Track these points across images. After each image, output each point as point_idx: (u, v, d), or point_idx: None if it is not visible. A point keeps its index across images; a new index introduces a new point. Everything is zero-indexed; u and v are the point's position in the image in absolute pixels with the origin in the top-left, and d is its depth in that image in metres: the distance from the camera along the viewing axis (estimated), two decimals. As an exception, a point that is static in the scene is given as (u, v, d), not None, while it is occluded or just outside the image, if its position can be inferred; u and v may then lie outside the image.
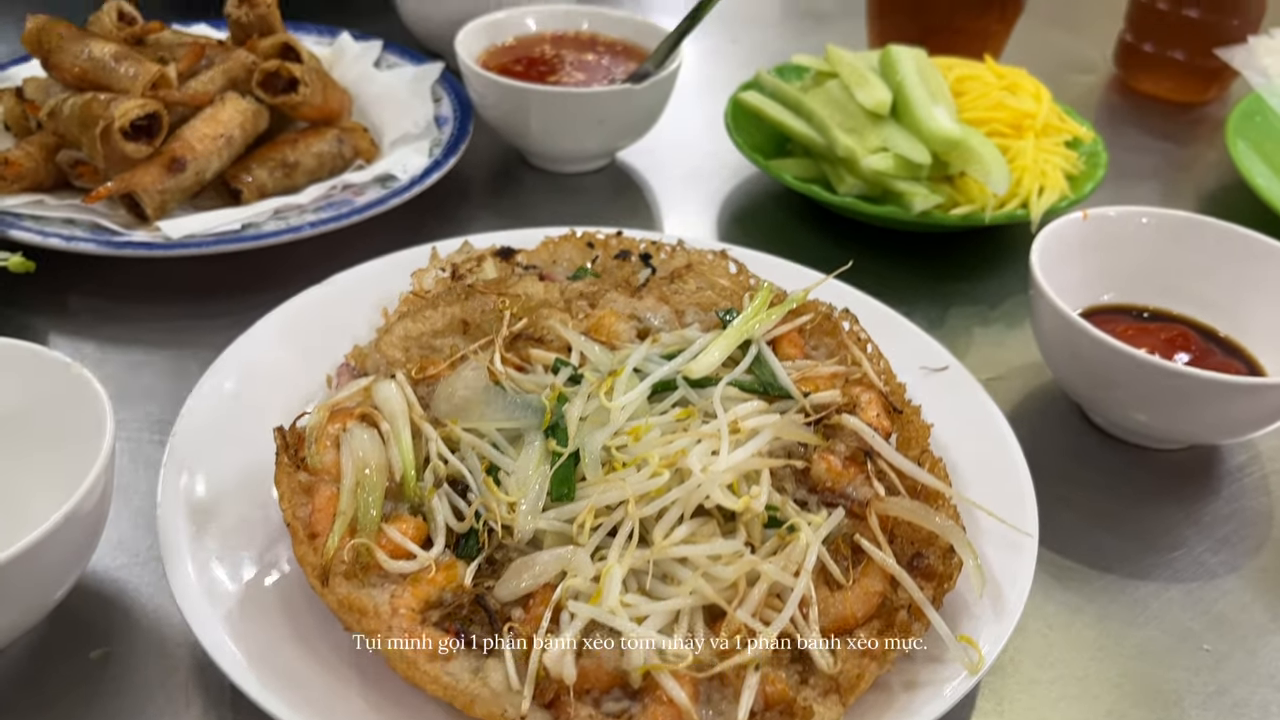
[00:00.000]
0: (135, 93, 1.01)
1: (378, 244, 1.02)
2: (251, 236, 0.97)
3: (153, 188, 0.98)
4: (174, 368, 0.91)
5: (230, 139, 1.03)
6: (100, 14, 1.11)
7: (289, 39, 1.12)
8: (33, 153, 1.02)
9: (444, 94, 1.23)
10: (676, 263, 0.92)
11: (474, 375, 0.74)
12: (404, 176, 1.07)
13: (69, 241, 0.94)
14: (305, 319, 0.86)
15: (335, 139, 1.10)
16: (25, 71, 1.18)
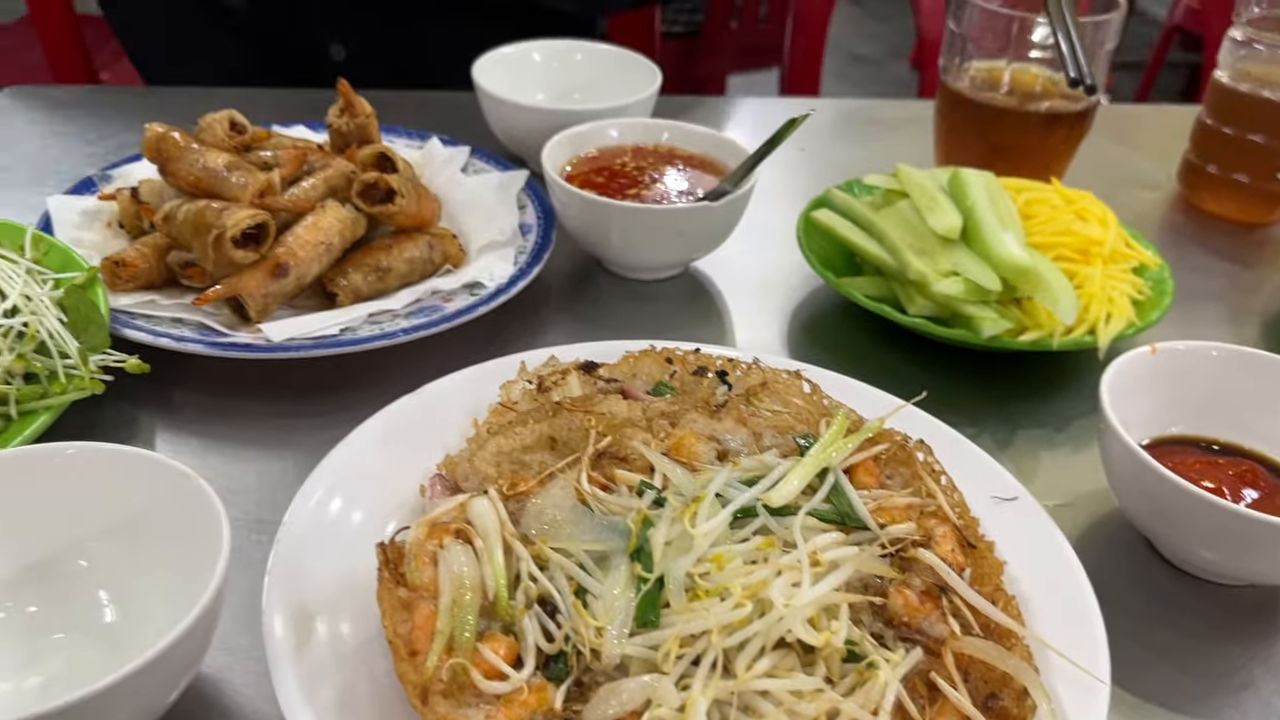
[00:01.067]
0: (245, 201, 1.07)
1: (463, 345, 1.07)
2: (349, 341, 1.01)
3: (257, 292, 1.03)
4: (273, 466, 0.95)
5: (330, 246, 1.09)
6: (212, 121, 1.17)
7: (386, 149, 1.18)
8: (146, 254, 1.08)
9: (528, 202, 1.28)
10: (752, 380, 0.95)
11: (562, 494, 0.78)
12: (491, 284, 1.12)
13: (179, 342, 0.99)
14: (399, 427, 0.90)
15: (426, 245, 1.15)
16: (138, 170, 1.26)
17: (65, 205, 1.18)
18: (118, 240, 1.17)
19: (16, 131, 1.49)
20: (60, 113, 1.54)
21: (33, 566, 0.73)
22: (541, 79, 1.50)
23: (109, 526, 0.74)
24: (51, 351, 0.90)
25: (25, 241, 1.02)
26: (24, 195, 1.33)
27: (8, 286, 0.92)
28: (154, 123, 1.12)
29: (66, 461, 0.73)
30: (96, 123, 1.51)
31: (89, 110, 1.55)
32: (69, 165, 1.40)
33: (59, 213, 1.16)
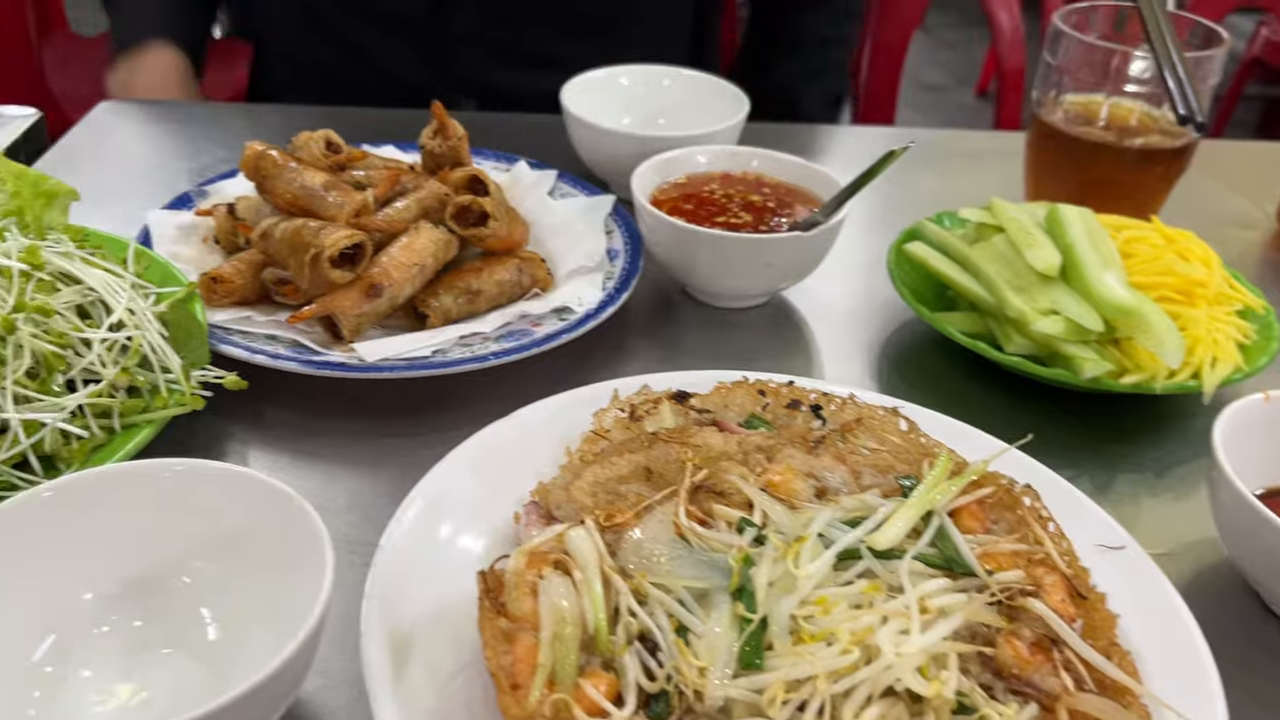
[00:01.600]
0: (341, 220, 1.07)
1: (550, 368, 1.07)
2: (440, 363, 1.01)
3: (351, 311, 1.04)
4: (364, 485, 0.95)
5: (423, 267, 1.09)
6: (309, 140, 1.19)
7: (479, 173, 1.19)
8: (242, 270, 1.09)
9: (614, 227, 1.27)
10: (847, 416, 0.94)
11: (660, 528, 0.77)
12: (579, 309, 1.12)
13: (274, 359, 0.99)
14: (492, 452, 0.90)
15: (516, 268, 1.15)
16: (233, 186, 1.27)
17: (163, 220, 1.19)
18: (213, 256, 1.18)
19: (115, 145, 1.52)
20: (157, 127, 1.57)
21: (138, 581, 0.73)
22: (628, 103, 1.50)
23: (212, 544, 0.74)
24: (153, 366, 0.91)
25: (128, 255, 1.03)
26: (123, 208, 1.34)
27: (113, 300, 0.94)
28: (253, 140, 1.13)
29: (174, 477, 0.73)
30: (193, 137, 1.54)
31: (185, 125, 1.58)
32: (166, 179, 1.42)
33: (157, 227, 1.18)
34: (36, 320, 0.88)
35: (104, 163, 1.47)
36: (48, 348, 0.87)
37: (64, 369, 0.87)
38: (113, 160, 1.48)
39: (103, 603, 0.72)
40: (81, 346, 0.90)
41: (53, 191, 1.11)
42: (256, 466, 0.97)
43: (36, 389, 0.85)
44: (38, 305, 0.88)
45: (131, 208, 1.34)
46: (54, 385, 0.87)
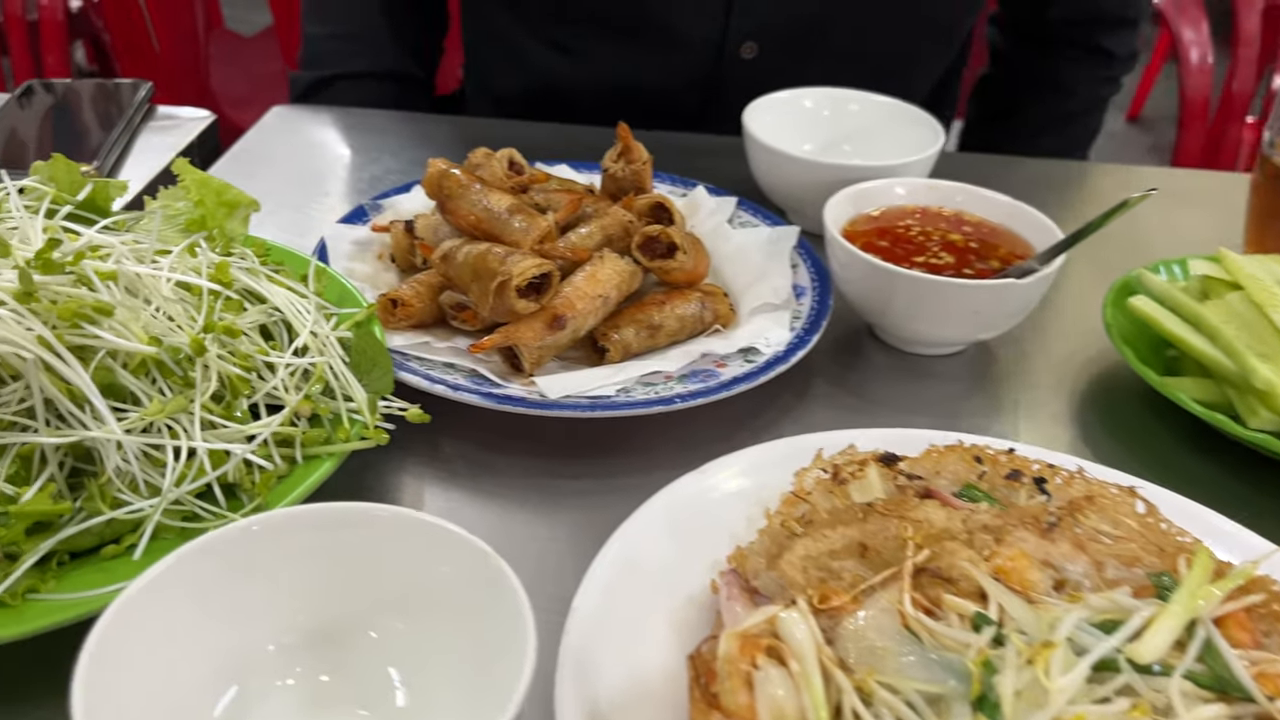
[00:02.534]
0: (524, 246, 1.03)
1: (731, 410, 1.02)
2: (625, 404, 0.96)
3: (533, 343, 0.99)
4: (541, 531, 0.91)
5: (606, 299, 1.04)
6: (492, 160, 1.15)
7: (664, 200, 1.13)
8: (421, 292, 1.06)
9: (799, 261, 1.20)
10: (1074, 492, 0.85)
11: (885, 618, 0.69)
12: (766, 350, 1.05)
13: (454, 390, 0.95)
14: (683, 509, 0.84)
15: (699, 302, 1.09)
16: (406, 201, 1.25)
17: (340, 234, 1.17)
18: (388, 274, 1.15)
19: (286, 151, 1.52)
20: (328, 133, 1.57)
21: (323, 632, 0.69)
22: (810, 127, 1.43)
23: (403, 598, 0.69)
24: (336, 394, 0.88)
25: (308, 273, 1.00)
26: (293, 216, 1.34)
27: (297, 322, 0.91)
28: (435, 158, 1.10)
29: (372, 522, 0.69)
30: (363, 145, 1.53)
31: (356, 132, 1.57)
32: (337, 189, 1.41)
33: (334, 242, 1.15)
34: (223, 341, 0.85)
35: (276, 169, 1.46)
36: (234, 371, 0.84)
37: (248, 393, 0.85)
38: (284, 167, 1.47)
39: (287, 653, 0.68)
40: (265, 370, 0.87)
41: (234, 202, 1.09)
42: (432, 503, 0.93)
43: (221, 414, 0.82)
44: (225, 325, 0.85)
45: (302, 217, 1.34)
46: (238, 410, 0.84)
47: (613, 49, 1.61)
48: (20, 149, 1.44)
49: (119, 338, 0.79)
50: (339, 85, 1.71)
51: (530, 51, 1.66)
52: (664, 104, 1.63)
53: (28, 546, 0.74)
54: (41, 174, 0.97)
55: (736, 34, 1.58)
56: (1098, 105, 1.85)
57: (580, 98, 1.65)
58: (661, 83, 1.63)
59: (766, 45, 1.59)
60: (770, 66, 1.60)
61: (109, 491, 0.77)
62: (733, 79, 1.61)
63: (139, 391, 0.79)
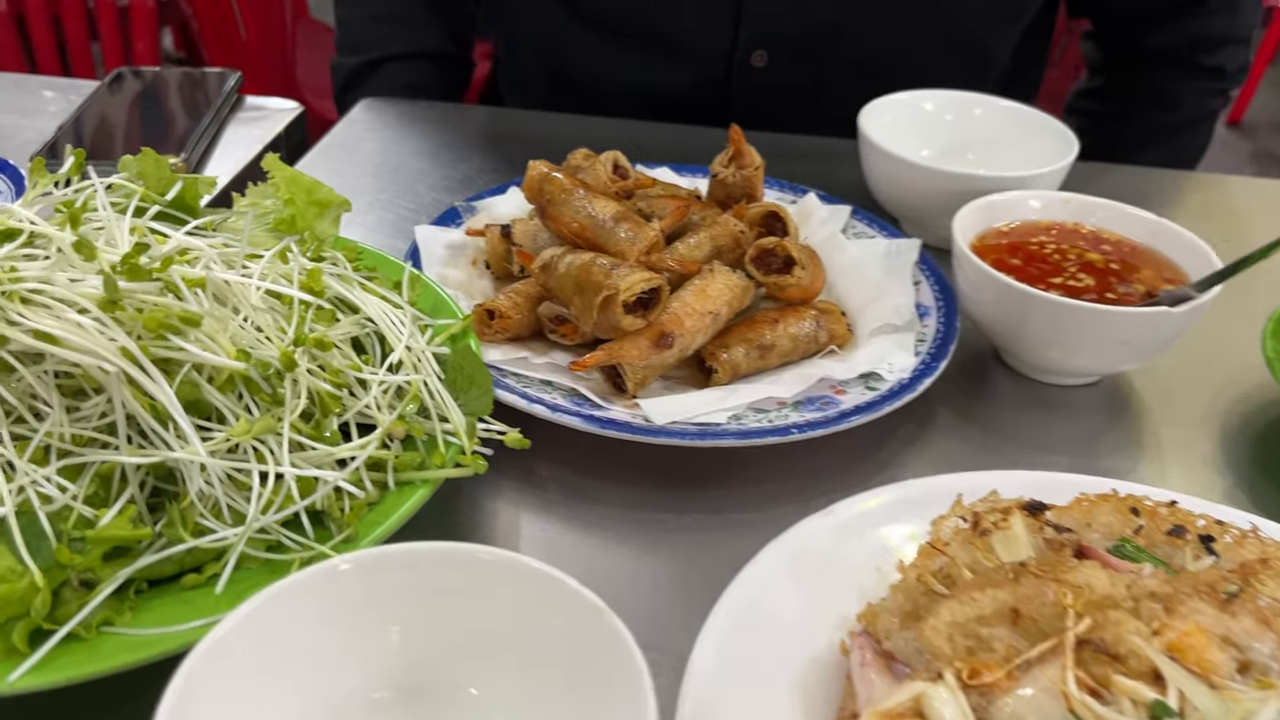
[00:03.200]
0: (630, 257, 0.96)
1: (848, 440, 0.94)
2: (737, 433, 0.89)
3: (638, 362, 0.92)
4: (645, 569, 0.84)
5: (716, 316, 0.97)
6: (595, 163, 1.08)
7: (778, 209, 1.06)
8: (519, 303, 1.00)
9: (921, 277, 1.12)
10: (1247, 554, 0.76)
11: (1046, 699, 0.61)
12: (889, 377, 0.97)
13: (554, 411, 0.89)
14: (806, 556, 0.77)
15: (813, 321, 1.02)
16: (500, 203, 1.19)
17: (432, 237, 1.12)
18: (482, 280, 1.10)
19: (373, 146, 1.47)
20: (416, 128, 1.52)
21: (417, 686, 0.63)
22: (930, 132, 1.34)
23: (504, 652, 0.63)
24: (431, 414, 0.82)
25: (403, 280, 0.95)
26: (381, 215, 1.29)
27: (392, 336, 0.85)
28: (537, 160, 1.04)
29: (477, 566, 0.62)
30: (452, 142, 1.48)
31: (445, 129, 1.52)
32: (427, 188, 1.36)
33: (426, 245, 1.10)
34: (314, 354, 0.80)
35: (364, 165, 1.42)
36: (325, 387, 0.78)
37: (339, 411, 0.79)
38: (372, 163, 1.43)
39: (378, 708, 0.62)
40: (357, 387, 0.81)
41: (325, 201, 1.03)
42: (527, 533, 0.87)
43: (310, 434, 0.77)
44: (317, 338, 0.80)
45: (392, 216, 1.29)
46: (327, 430, 0.78)
47: (622, 53, 1.56)
48: (109, 138, 1.42)
49: (206, 350, 0.73)
50: (388, 68, 1.67)
51: (548, 43, 1.62)
52: (678, 108, 1.57)
53: (105, 574, 0.69)
54: (129, 170, 0.93)
55: (746, 43, 1.52)
56: (1207, 117, 1.73)
57: (594, 98, 1.61)
58: (673, 87, 1.57)
59: (777, 54, 1.53)
60: (782, 75, 1.54)
61: (190, 517, 0.72)
62: (744, 86, 1.55)
63: (224, 409, 0.74)
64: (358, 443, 0.78)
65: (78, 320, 0.71)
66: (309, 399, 0.78)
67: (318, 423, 0.79)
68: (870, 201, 1.30)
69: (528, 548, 0.85)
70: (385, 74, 1.66)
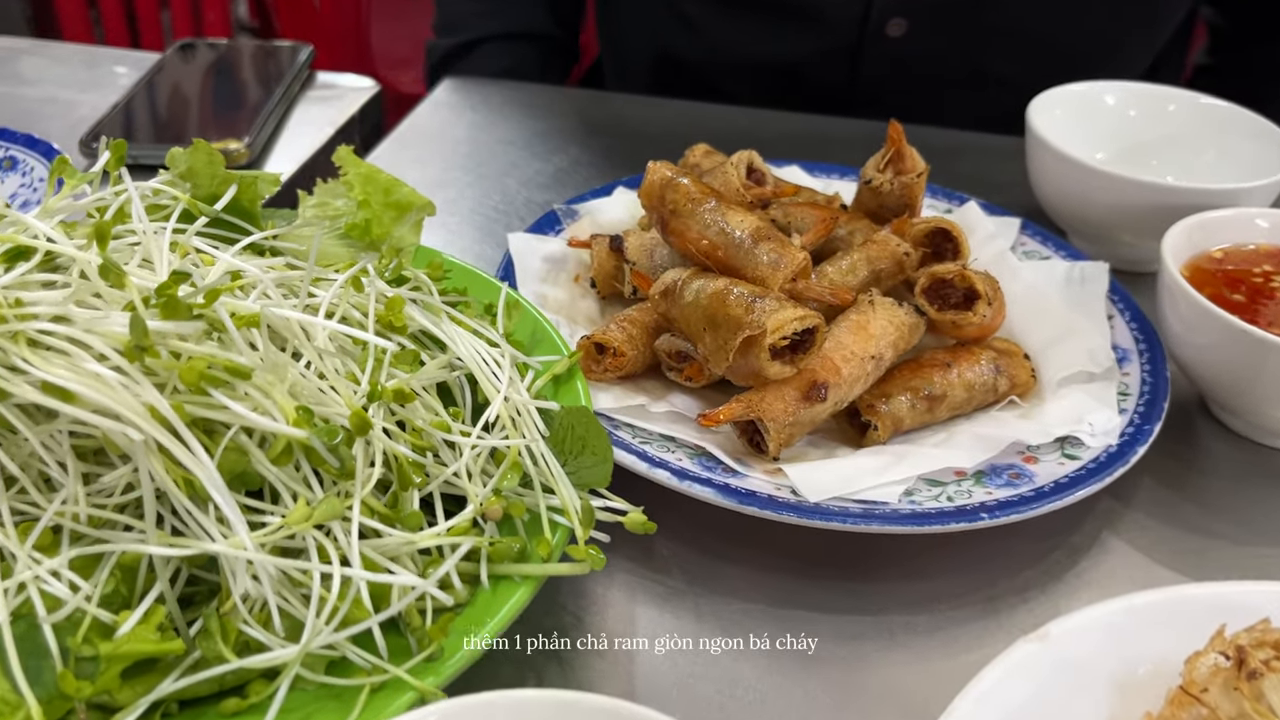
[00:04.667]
0: (774, 285, 0.79)
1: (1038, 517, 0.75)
2: (912, 517, 0.71)
3: (783, 418, 0.75)
4: (799, 693, 0.67)
5: (879, 360, 0.79)
6: (728, 165, 0.91)
7: (949, 226, 0.87)
8: (634, 336, 0.83)
9: (1114, 311, 0.93)
10: None
11: None
12: (1092, 442, 0.79)
13: (680, 479, 0.73)
14: (1020, 697, 0.59)
15: (991, 365, 0.84)
16: (606, 207, 1.02)
17: (528, 248, 0.95)
18: (586, 300, 0.93)
19: (457, 134, 1.31)
20: (505, 113, 1.36)
21: None
22: (1109, 130, 1.15)
23: None
24: (534, 485, 0.65)
25: (498, 306, 0.78)
26: (467, 216, 1.14)
27: (488, 384, 0.69)
28: (660, 162, 0.87)
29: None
30: (545, 130, 1.31)
31: (536, 114, 1.35)
32: (518, 184, 1.20)
33: (522, 258, 0.94)
34: (392, 409, 0.64)
35: (446, 155, 1.26)
36: (405, 452, 0.62)
37: (422, 482, 0.63)
38: (455, 152, 1.27)
39: None
40: (445, 450, 0.65)
41: (405, 203, 0.87)
42: (644, 628, 0.70)
43: (385, 513, 0.61)
44: (397, 388, 0.64)
45: (479, 218, 1.13)
46: (407, 508, 0.62)
47: (740, 21, 1.38)
48: (167, 120, 1.28)
49: (257, 411, 0.58)
50: (485, 48, 1.53)
51: (659, 18, 1.45)
52: (799, 86, 1.38)
53: (125, 697, 0.55)
54: (177, 165, 0.77)
55: (882, 8, 1.31)
56: None
57: (707, 73, 1.43)
58: (795, 61, 1.38)
59: (917, 22, 1.32)
60: (922, 47, 1.33)
61: (233, 626, 0.56)
62: (876, 57, 1.35)
63: (279, 484, 0.58)
64: (445, 527, 0.62)
65: (97, 371, 0.55)
66: (385, 464, 0.62)
67: (394, 496, 0.63)
68: (1032, 209, 1.11)
69: (644, 661, 0.68)
70: (483, 54, 1.52)
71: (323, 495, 0.59)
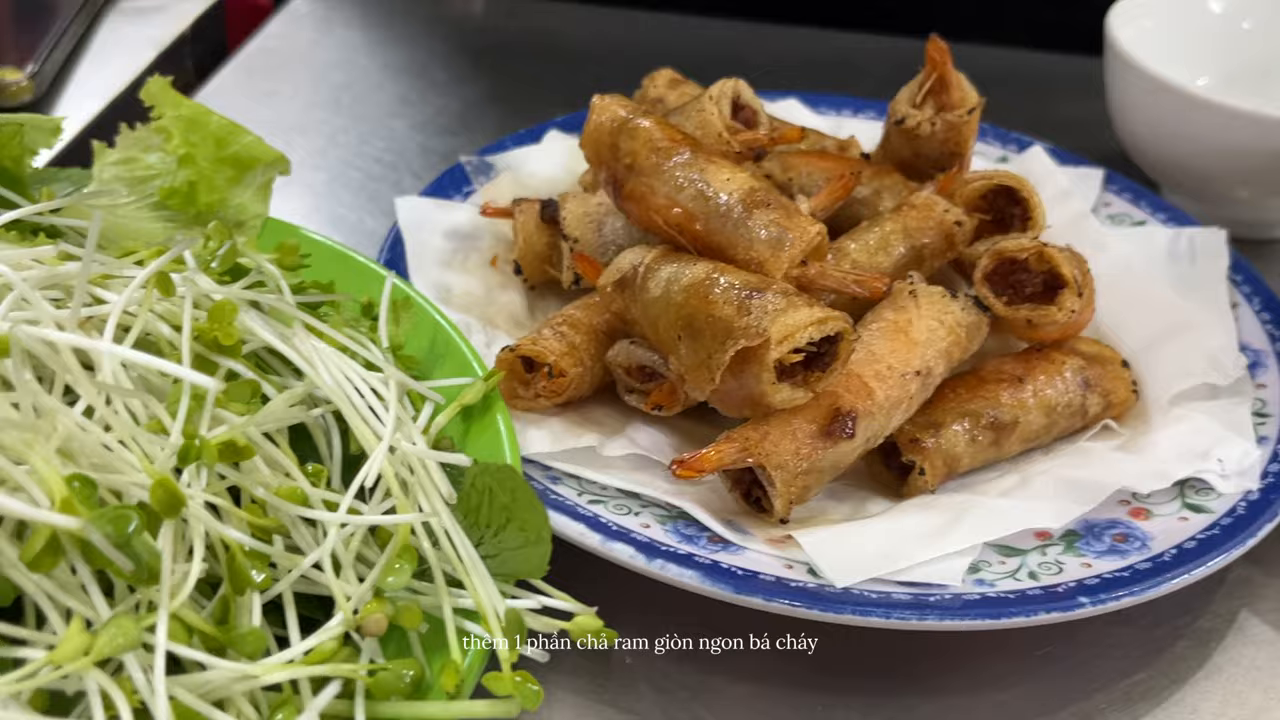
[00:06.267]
0: (777, 272, 0.71)
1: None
2: (982, 605, 0.64)
3: (795, 464, 0.68)
4: None
5: (927, 375, 0.74)
6: (705, 100, 0.83)
7: (1015, 182, 0.80)
8: (578, 346, 0.77)
9: (1238, 296, 0.88)
10: None
11: None
12: (1224, 486, 0.73)
13: (649, 558, 0.65)
14: None
15: (1078, 377, 0.79)
16: (536, 159, 0.97)
17: (422, 217, 0.89)
18: (507, 294, 0.88)
19: (323, 57, 1.26)
20: (394, 30, 1.30)
21: None
22: (1217, 47, 1.12)
23: None
24: (435, 576, 0.58)
25: (380, 305, 0.71)
26: (336, 173, 1.08)
27: (362, 428, 0.61)
28: (610, 96, 0.80)
29: None
30: (451, 53, 1.25)
31: (441, 29, 1.30)
32: (410, 127, 1.14)
33: (415, 232, 0.88)
34: (220, 473, 0.56)
35: (310, 86, 1.20)
36: (237, 538, 0.54)
37: (265, 585, 0.55)
38: (325, 83, 1.21)
39: None
40: (301, 529, 0.57)
41: (247, 158, 0.83)
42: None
43: (209, 633, 0.52)
44: (225, 440, 0.55)
45: (355, 172, 1.08)
46: (244, 621, 0.54)
47: None
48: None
49: (4, 489, 0.49)
50: None
51: None
52: None
53: None
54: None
55: None
56: None
57: None
58: None
59: None
60: None
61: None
62: None
63: (42, 599, 0.50)
64: (301, 650, 0.55)
65: None
66: (209, 558, 0.54)
67: (223, 605, 0.55)
68: (1116, 156, 1.07)
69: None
70: None
71: (111, 613, 0.50)
